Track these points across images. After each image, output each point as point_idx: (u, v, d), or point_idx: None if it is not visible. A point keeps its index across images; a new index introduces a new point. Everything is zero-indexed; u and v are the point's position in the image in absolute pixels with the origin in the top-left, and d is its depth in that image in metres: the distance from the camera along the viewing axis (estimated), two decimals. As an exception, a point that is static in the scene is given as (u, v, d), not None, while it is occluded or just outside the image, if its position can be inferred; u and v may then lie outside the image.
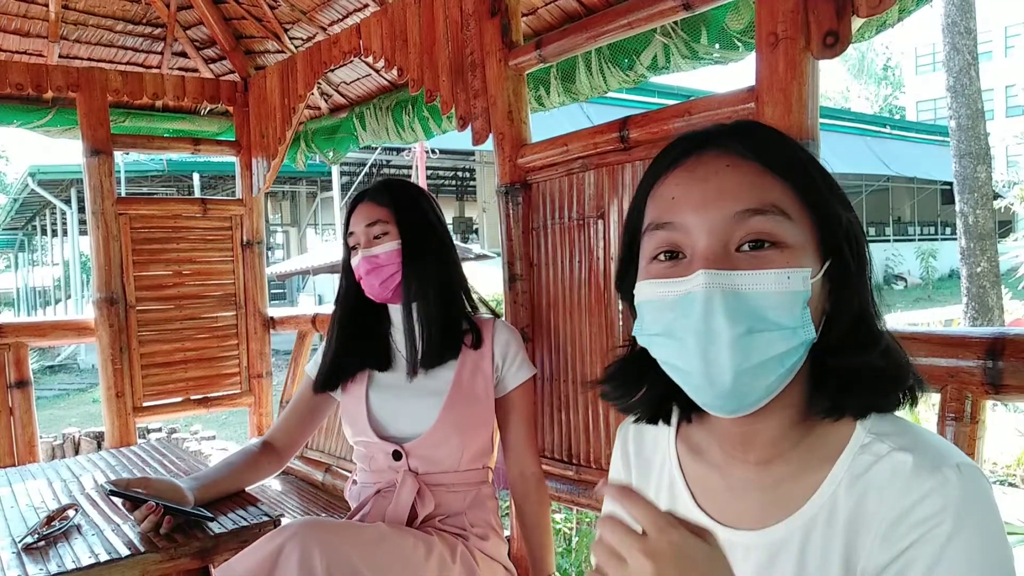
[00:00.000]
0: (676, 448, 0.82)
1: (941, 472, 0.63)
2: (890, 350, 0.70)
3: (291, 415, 1.72)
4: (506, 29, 1.83)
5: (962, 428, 1.12)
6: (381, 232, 1.58)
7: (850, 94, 44.72)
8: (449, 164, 18.44)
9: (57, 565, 1.19)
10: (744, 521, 0.73)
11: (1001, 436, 4.74)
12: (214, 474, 1.56)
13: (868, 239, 0.72)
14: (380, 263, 1.57)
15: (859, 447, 0.68)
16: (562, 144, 1.74)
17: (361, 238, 1.59)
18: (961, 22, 9.21)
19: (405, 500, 1.50)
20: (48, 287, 24.82)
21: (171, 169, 15.34)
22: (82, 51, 3.13)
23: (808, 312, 0.66)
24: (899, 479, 0.64)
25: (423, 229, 1.61)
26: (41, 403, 7.41)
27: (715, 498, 0.77)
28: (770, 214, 0.67)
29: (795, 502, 0.70)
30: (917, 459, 0.64)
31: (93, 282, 2.88)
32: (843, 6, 1.19)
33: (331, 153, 3.33)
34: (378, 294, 1.59)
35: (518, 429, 1.63)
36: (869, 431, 0.69)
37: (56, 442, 5.34)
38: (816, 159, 0.73)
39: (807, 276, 0.66)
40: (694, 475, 0.79)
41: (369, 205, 1.60)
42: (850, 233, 0.69)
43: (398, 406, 1.59)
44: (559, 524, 3.34)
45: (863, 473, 0.67)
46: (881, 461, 0.66)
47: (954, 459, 0.64)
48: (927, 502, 0.62)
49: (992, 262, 9.10)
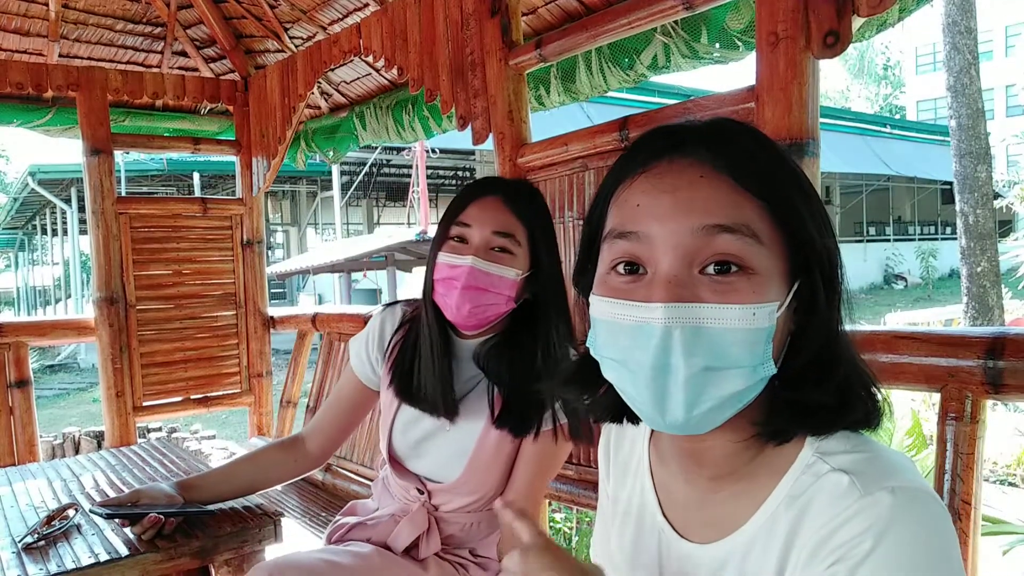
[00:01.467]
0: (649, 452, 0.80)
1: (873, 494, 0.60)
2: (848, 381, 0.66)
3: (331, 410, 1.52)
4: (506, 29, 1.83)
5: (962, 428, 1.12)
6: (504, 247, 1.28)
7: (850, 94, 44.71)
8: (449, 164, 18.43)
9: (57, 565, 1.19)
10: (698, 534, 0.72)
11: (1001, 436, 4.75)
12: (209, 477, 1.48)
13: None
14: (489, 285, 1.27)
15: (803, 466, 0.66)
16: (562, 144, 1.73)
17: (477, 239, 1.27)
18: (961, 22, 9.21)
19: (407, 536, 1.38)
20: (48, 286, 24.81)
21: (171, 168, 15.35)
22: (82, 50, 3.13)
23: (771, 347, 0.63)
24: (832, 499, 0.62)
25: (555, 267, 1.34)
26: (41, 402, 7.41)
27: (677, 508, 0.76)
28: (740, 234, 0.62)
29: (740, 519, 0.68)
30: (852, 480, 0.61)
31: (93, 281, 2.88)
32: (843, 6, 1.19)
33: (331, 152, 3.33)
34: (462, 317, 1.30)
35: (526, 478, 1.36)
36: (816, 450, 0.66)
37: (56, 441, 5.33)
38: (800, 174, 0.68)
39: (773, 311, 0.62)
40: (662, 482, 0.78)
41: (505, 209, 1.29)
42: (823, 259, 0.65)
43: (424, 449, 1.41)
44: (559, 524, 3.34)
45: (801, 493, 0.65)
46: (820, 480, 0.64)
47: (892, 481, 0.60)
48: (853, 522, 0.59)
49: (992, 262, 9.10)
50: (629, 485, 0.82)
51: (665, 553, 0.75)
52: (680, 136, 0.67)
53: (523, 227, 1.29)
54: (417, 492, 1.40)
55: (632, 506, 0.81)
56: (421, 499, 1.39)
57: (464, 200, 1.31)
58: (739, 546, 0.68)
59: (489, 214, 1.28)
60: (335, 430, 1.53)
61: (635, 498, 0.80)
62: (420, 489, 1.39)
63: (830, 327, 0.66)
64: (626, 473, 0.84)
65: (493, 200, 1.29)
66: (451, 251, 1.29)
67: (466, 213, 1.29)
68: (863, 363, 0.69)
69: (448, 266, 1.29)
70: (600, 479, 0.92)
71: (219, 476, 1.49)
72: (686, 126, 0.69)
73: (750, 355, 0.62)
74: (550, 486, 1.81)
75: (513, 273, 1.28)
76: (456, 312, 1.29)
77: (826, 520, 0.61)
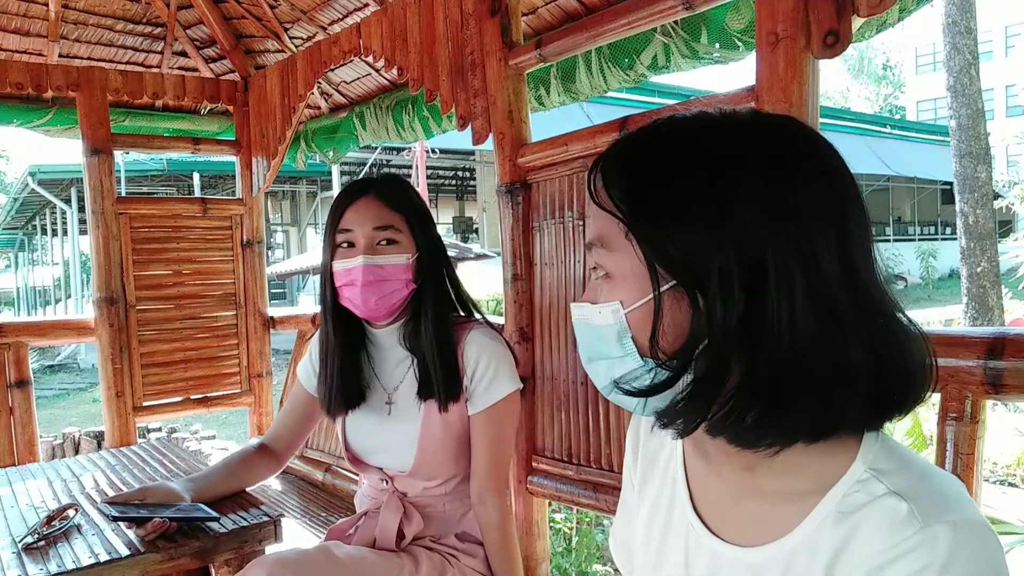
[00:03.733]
0: (683, 446, 0.80)
1: (932, 528, 0.58)
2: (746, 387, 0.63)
3: (287, 418, 1.63)
4: (506, 29, 1.83)
5: (962, 428, 1.12)
6: (389, 239, 1.39)
7: (850, 94, 44.70)
8: (449, 164, 18.44)
9: (57, 565, 1.19)
10: (733, 533, 0.71)
11: (1001, 436, 4.74)
12: (212, 476, 1.52)
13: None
14: (385, 276, 1.38)
15: (855, 481, 0.64)
16: (562, 144, 1.74)
17: (362, 240, 1.38)
18: (961, 22, 9.21)
19: (390, 523, 1.43)
20: (48, 287, 24.81)
21: (171, 169, 15.34)
22: (82, 50, 3.13)
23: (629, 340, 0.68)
24: (889, 527, 0.60)
25: (438, 242, 1.46)
26: (41, 403, 7.41)
27: (711, 503, 0.75)
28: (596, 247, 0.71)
29: (781, 526, 0.67)
30: (911, 508, 0.60)
31: (93, 282, 2.88)
32: (843, 6, 1.19)
33: (331, 152, 3.33)
34: (369, 310, 1.40)
35: (482, 455, 1.43)
36: (869, 466, 0.64)
37: (56, 442, 5.34)
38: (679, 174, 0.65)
39: (617, 308, 0.68)
40: (696, 475, 0.77)
41: (377, 204, 1.40)
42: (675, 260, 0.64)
43: (376, 442, 1.49)
44: (559, 524, 3.34)
45: (853, 512, 0.63)
46: (874, 503, 0.62)
47: (952, 515, 0.59)
48: (911, 556, 0.58)
49: (992, 262, 9.10)
50: (659, 477, 0.82)
51: (694, 549, 0.74)
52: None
53: (399, 215, 1.40)
54: (382, 482, 1.48)
55: (662, 498, 0.80)
56: (389, 488, 1.47)
57: (340, 208, 1.41)
58: (781, 556, 0.66)
59: (366, 213, 1.39)
60: (294, 436, 1.63)
61: (665, 490, 0.80)
62: (384, 479, 1.47)
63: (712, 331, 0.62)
64: (655, 465, 0.84)
65: (366, 200, 1.40)
66: (342, 257, 1.40)
67: (345, 219, 1.40)
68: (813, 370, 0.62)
69: (344, 271, 1.39)
70: (625, 466, 0.91)
71: (220, 475, 1.54)
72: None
73: (608, 347, 0.70)
74: (549, 485, 1.81)
75: (404, 258, 1.40)
76: (364, 307, 1.39)
77: (883, 548, 0.60)
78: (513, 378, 1.44)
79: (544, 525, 1.92)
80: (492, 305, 8.93)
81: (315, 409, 1.61)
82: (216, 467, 1.58)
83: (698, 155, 0.65)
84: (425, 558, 1.40)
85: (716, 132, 0.66)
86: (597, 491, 1.70)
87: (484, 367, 1.42)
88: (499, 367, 1.42)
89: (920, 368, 0.64)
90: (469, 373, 1.42)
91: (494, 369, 1.42)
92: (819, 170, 0.64)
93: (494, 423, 1.43)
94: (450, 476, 1.47)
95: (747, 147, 0.64)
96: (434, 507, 1.48)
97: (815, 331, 0.61)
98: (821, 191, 0.63)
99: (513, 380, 1.44)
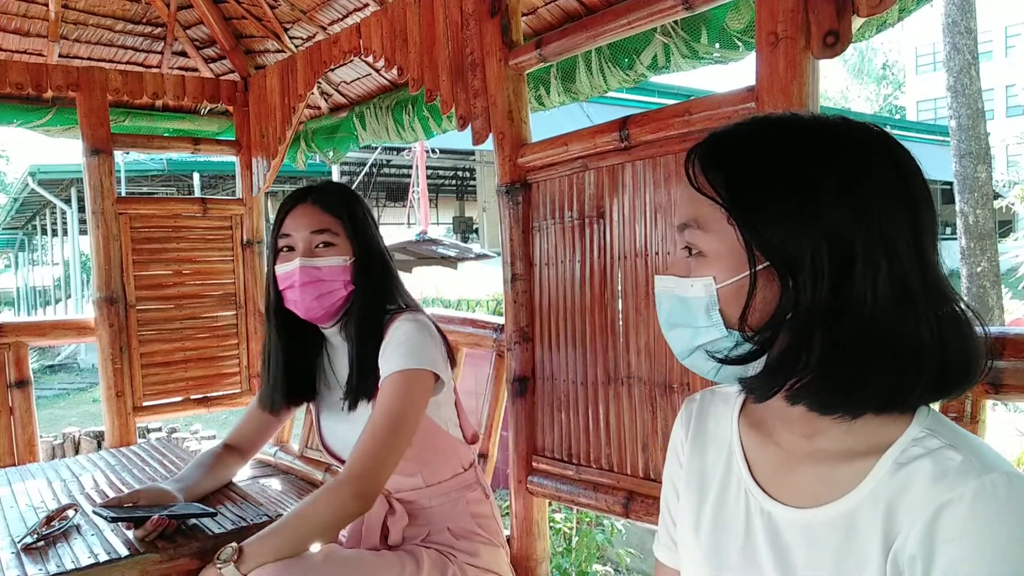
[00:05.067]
0: (739, 423, 0.86)
1: (990, 476, 0.64)
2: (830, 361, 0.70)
3: (250, 418, 1.65)
4: (506, 29, 1.83)
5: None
6: (326, 242, 1.45)
7: (850, 94, 44.69)
8: (449, 164, 18.42)
9: (56, 565, 1.19)
10: (794, 497, 0.76)
11: (1001, 436, 4.75)
12: (194, 475, 1.52)
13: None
14: (321, 276, 1.43)
15: (912, 439, 0.70)
16: (562, 144, 1.73)
17: (300, 243, 1.44)
18: (961, 22, 9.21)
19: (373, 521, 1.44)
20: (48, 287, 24.80)
21: (171, 169, 15.33)
22: (82, 50, 3.12)
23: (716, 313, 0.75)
24: (944, 474, 0.65)
25: (375, 245, 1.50)
26: (41, 403, 7.41)
27: (769, 471, 0.80)
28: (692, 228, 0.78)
29: (843, 485, 0.72)
30: (966, 458, 0.66)
31: (93, 282, 2.88)
32: (843, 6, 1.18)
33: (331, 153, 3.33)
34: (308, 310, 1.44)
35: (366, 428, 1.35)
36: (924, 427, 0.70)
37: (56, 442, 5.33)
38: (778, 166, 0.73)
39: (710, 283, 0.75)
40: (752, 447, 0.83)
41: (315, 210, 1.45)
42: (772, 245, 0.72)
43: (345, 434, 1.50)
44: (559, 524, 3.34)
45: (909, 462, 0.68)
46: (930, 454, 0.68)
47: (1005, 467, 0.65)
48: (967, 504, 0.63)
49: (992, 262, 9.10)
50: (711, 456, 0.88)
51: (756, 514, 0.79)
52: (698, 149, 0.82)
53: (336, 219, 1.45)
54: None
55: (716, 472, 0.86)
56: None
57: (282, 215, 1.47)
58: (843, 514, 0.71)
59: (303, 219, 1.45)
60: (258, 436, 1.66)
61: (719, 465, 0.86)
62: None
63: (797, 309, 0.70)
64: (707, 444, 0.90)
65: (303, 207, 1.46)
66: (282, 261, 1.46)
67: (285, 225, 1.46)
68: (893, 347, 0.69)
69: (283, 275, 1.45)
70: (670, 449, 0.97)
71: (201, 473, 1.54)
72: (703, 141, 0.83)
73: (693, 317, 0.77)
74: (549, 485, 1.81)
75: (340, 260, 1.45)
76: (303, 307, 1.44)
77: (942, 491, 0.64)
78: (416, 358, 1.38)
79: (544, 525, 1.92)
80: (492, 305, 8.92)
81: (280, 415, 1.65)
82: (194, 467, 1.57)
83: (794, 153, 0.73)
84: (425, 556, 1.40)
85: (808, 133, 0.74)
86: (597, 491, 1.70)
87: (396, 343, 1.40)
88: (407, 343, 1.39)
89: (975, 353, 0.71)
90: (383, 347, 1.42)
91: (400, 345, 1.40)
92: (895, 171, 0.73)
93: (386, 395, 1.37)
94: (430, 469, 1.48)
95: (835, 149, 0.73)
96: (418, 502, 1.49)
97: (893, 312, 0.68)
98: (897, 189, 0.72)
99: (415, 359, 1.38)
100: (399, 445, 1.34)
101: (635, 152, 1.59)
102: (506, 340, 1.93)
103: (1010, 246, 11.85)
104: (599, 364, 1.70)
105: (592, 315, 1.71)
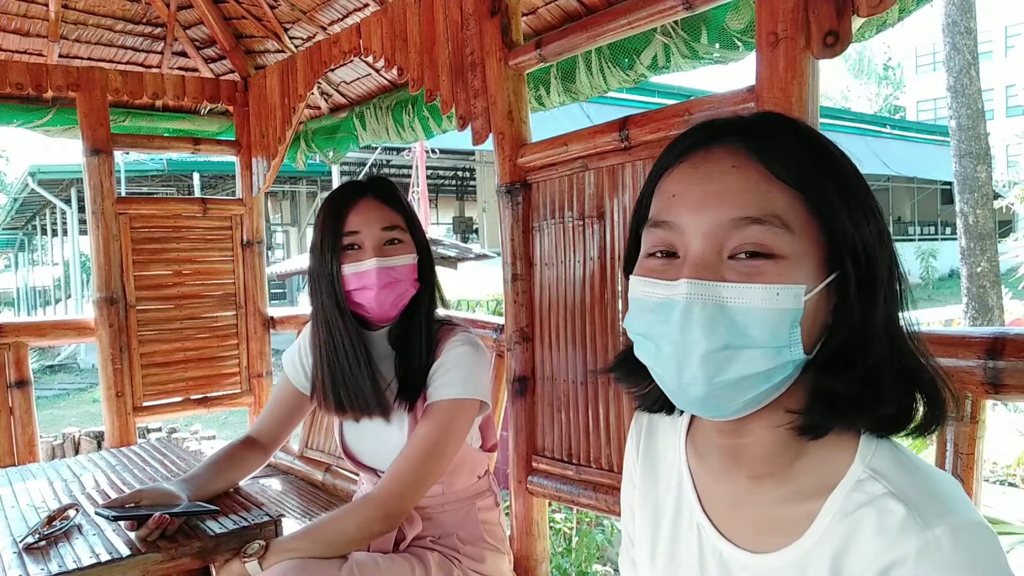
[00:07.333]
0: (686, 447, 0.80)
1: (932, 532, 0.58)
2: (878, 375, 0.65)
3: (274, 411, 1.62)
4: (506, 29, 1.83)
5: (962, 428, 1.12)
6: (396, 239, 1.39)
7: (850, 94, 44.70)
8: (449, 164, 18.43)
9: (58, 565, 1.19)
10: (746, 539, 0.72)
11: (1001, 436, 4.75)
12: (204, 474, 1.50)
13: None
14: (397, 277, 1.37)
15: (854, 482, 0.65)
16: (562, 144, 1.74)
17: (369, 242, 1.37)
18: (961, 22, 9.21)
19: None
20: (48, 287, 24.81)
21: (171, 169, 15.34)
22: (82, 51, 3.12)
23: (798, 331, 0.63)
24: (887, 530, 0.61)
25: (427, 241, 1.47)
26: (41, 403, 7.41)
27: (717, 505, 0.75)
28: (769, 224, 0.63)
29: (790, 531, 0.67)
30: (909, 511, 0.60)
31: (93, 282, 2.88)
32: (843, 6, 1.19)
33: (331, 153, 3.33)
34: (385, 312, 1.40)
35: (406, 451, 1.34)
36: (867, 466, 0.65)
37: (56, 442, 5.34)
38: (843, 167, 0.68)
39: (800, 293, 0.62)
40: (701, 477, 0.78)
41: (380, 205, 1.39)
42: (857, 248, 0.65)
43: (370, 443, 1.49)
44: (559, 524, 3.34)
45: (852, 511, 0.64)
46: (873, 503, 0.62)
47: (951, 517, 0.59)
48: (911, 565, 0.59)
49: (992, 262, 9.10)
50: (663, 482, 0.83)
51: (709, 553, 0.74)
52: (719, 127, 0.69)
53: (400, 215, 1.41)
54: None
55: (668, 501, 0.81)
56: None
57: (341, 211, 1.38)
58: (792, 562, 0.67)
59: (370, 215, 1.37)
60: (280, 430, 1.61)
61: (671, 494, 0.81)
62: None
63: (865, 319, 0.65)
64: (658, 464, 0.84)
65: (367, 202, 1.38)
66: (351, 261, 1.37)
67: (349, 222, 1.37)
68: (921, 365, 0.67)
69: (355, 275, 1.37)
70: (624, 468, 0.92)
71: (211, 472, 1.52)
72: (728, 119, 0.71)
73: (773, 335, 0.62)
74: (549, 485, 1.81)
75: (411, 258, 1.41)
76: (379, 308, 1.39)
77: (881, 552, 0.60)
78: (468, 386, 1.37)
79: (544, 525, 1.92)
80: (492, 305, 8.92)
81: (302, 404, 1.61)
82: (206, 464, 1.56)
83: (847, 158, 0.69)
84: (431, 559, 1.40)
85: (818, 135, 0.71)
86: (597, 491, 1.70)
87: (448, 368, 1.38)
88: (457, 371, 1.38)
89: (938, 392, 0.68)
90: (434, 369, 1.39)
91: (455, 373, 1.38)
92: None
93: (432, 422, 1.35)
94: (448, 479, 1.46)
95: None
96: (433, 508, 1.48)
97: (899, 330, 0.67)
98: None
99: (467, 388, 1.37)
100: (433, 474, 1.35)
101: (635, 152, 1.59)
102: (506, 340, 1.93)
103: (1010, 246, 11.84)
104: (599, 364, 1.70)
105: (592, 315, 1.71)
